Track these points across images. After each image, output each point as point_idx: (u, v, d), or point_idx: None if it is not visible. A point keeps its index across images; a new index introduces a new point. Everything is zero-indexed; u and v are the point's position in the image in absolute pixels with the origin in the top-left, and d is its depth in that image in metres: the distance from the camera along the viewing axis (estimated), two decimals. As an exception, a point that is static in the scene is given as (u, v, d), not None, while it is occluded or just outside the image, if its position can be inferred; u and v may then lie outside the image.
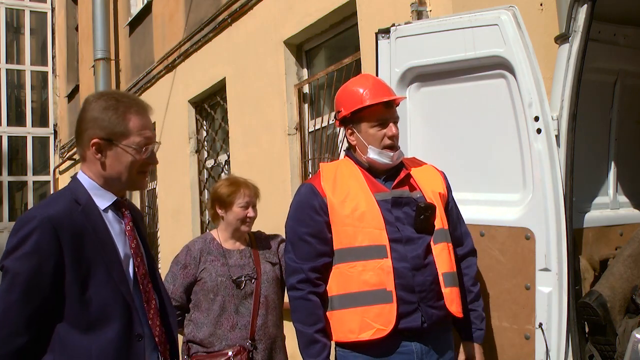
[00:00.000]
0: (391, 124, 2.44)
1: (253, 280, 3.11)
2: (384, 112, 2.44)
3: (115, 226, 1.94)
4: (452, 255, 2.45)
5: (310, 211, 2.41)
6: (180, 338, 3.25)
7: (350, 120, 2.46)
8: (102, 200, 1.93)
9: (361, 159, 2.50)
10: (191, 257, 3.14)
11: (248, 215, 3.16)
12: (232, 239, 3.21)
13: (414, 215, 2.41)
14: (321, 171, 2.50)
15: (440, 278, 2.37)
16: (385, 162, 2.45)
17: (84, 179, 1.94)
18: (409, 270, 2.33)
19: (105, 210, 1.93)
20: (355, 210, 2.36)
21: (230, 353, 2.98)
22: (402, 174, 2.48)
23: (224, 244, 3.19)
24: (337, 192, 2.42)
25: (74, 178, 1.97)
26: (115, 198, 1.96)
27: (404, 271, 2.32)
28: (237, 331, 3.04)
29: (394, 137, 2.44)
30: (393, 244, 2.34)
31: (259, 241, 3.27)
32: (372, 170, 2.49)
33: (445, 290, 2.37)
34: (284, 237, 2.63)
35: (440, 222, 2.44)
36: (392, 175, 2.50)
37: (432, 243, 2.40)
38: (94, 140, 1.89)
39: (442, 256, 2.40)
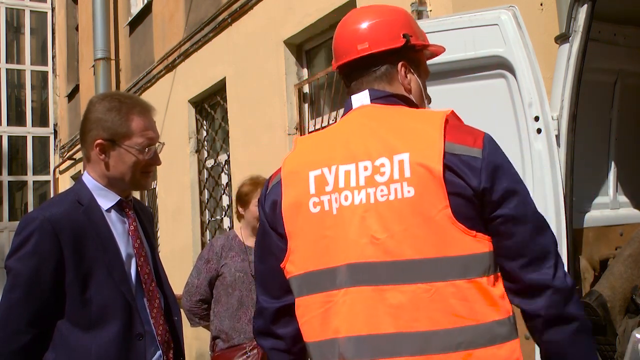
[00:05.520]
0: None
1: None
2: None
3: (118, 226, 1.96)
4: None
5: None
6: (207, 334, 3.34)
7: (411, 58, 1.63)
8: (106, 200, 1.95)
9: None
10: (213, 252, 3.28)
11: None
12: (254, 236, 3.31)
13: None
14: None
15: None
16: None
17: (88, 180, 1.97)
18: None
19: (108, 210, 1.95)
20: None
21: (247, 348, 3.09)
22: None
23: (246, 241, 3.31)
24: None
25: (79, 179, 2.00)
26: (119, 198, 1.98)
27: None
28: None
29: None
30: None
31: None
32: None
33: None
34: None
35: None
36: None
37: None
38: (98, 141, 1.91)
39: None
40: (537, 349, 2.69)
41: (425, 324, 1.34)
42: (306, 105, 5.59)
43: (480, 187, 1.36)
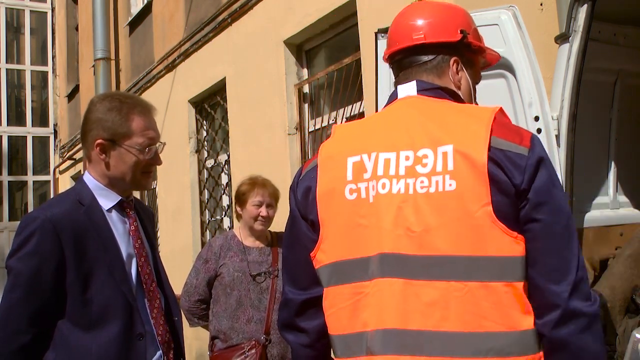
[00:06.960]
0: None
1: (271, 277, 3.23)
2: None
3: (118, 226, 1.96)
4: None
5: None
6: (207, 334, 3.34)
7: (466, 56, 1.60)
8: (107, 200, 1.96)
9: None
10: (212, 252, 3.28)
11: (261, 214, 3.25)
12: (252, 236, 3.32)
13: None
14: None
15: None
16: None
17: (89, 179, 1.97)
18: None
19: (109, 210, 1.96)
20: None
21: (245, 348, 3.09)
22: None
23: (245, 241, 3.31)
24: None
25: (80, 179, 2.00)
26: (120, 198, 1.98)
27: None
28: (252, 325, 3.15)
29: None
30: None
31: (280, 241, 3.33)
32: None
33: None
34: None
35: None
36: None
37: None
38: (98, 141, 1.91)
39: None
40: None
41: (454, 324, 1.28)
42: (306, 105, 5.59)
43: (521, 186, 1.30)
